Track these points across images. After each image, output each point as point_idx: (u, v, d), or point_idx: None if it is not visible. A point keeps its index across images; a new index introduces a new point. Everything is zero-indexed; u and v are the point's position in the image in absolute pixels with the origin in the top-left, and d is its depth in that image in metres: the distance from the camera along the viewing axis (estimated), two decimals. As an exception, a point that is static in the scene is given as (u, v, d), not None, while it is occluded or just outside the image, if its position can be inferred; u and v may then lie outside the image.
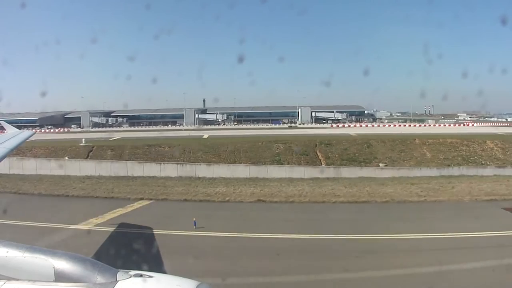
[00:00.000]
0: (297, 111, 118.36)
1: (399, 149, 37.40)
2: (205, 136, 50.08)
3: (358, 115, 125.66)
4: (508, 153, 37.21)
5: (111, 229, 15.69)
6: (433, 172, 33.17)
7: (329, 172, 33.54)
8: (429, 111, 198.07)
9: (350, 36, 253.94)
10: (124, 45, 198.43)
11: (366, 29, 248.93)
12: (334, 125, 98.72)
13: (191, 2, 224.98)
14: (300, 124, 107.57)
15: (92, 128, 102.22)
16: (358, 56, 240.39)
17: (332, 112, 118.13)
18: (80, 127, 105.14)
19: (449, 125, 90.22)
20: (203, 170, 34.36)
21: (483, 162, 35.54)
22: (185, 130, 76.87)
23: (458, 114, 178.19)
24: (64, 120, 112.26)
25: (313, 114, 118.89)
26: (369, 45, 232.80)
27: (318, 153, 37.39)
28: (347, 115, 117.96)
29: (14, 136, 12.75)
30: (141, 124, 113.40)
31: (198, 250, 13.74)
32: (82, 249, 10.59)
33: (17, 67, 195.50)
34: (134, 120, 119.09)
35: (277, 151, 37.57)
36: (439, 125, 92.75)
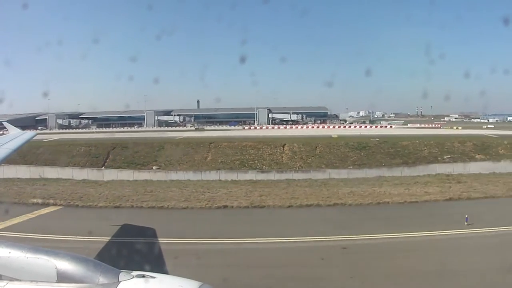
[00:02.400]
0: (255, 112, 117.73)
1: (185, 152, 37.15)
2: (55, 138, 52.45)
3: (322, 116, 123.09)
4: (295, 157, 35.61)
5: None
6: (188, 175, 32.97)
7: (93, 174, 34.59)
8: (421, 112, 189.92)
9: (351, 37, 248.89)
10: (126, 45, 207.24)
11: (367, 30, 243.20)
12: (281, 127, 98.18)
13: (193, 3, 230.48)
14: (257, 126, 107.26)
15: (58, 129, 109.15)
16: (357, 57, 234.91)
17: (288, 113, 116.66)
18: (47, 128, 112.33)
19: (386, 126, 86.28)
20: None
21: (258, 166, 34.44)
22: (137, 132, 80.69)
23: (451, 115, 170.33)
24: (35, 122, 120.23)
25: (270, 115, 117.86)
26: (369, 46, 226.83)
27: (110, 156, 38.19)
28: (302, 116, 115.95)
29: (17, 136, 13.10)
30: (113, 126, 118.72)
31: None
32: None
33: (19, 68, 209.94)
34: (103, 121, 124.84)
35: (75, 154, 38.89)
36: (385, 127, 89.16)
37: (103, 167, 36.81)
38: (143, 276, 3.83)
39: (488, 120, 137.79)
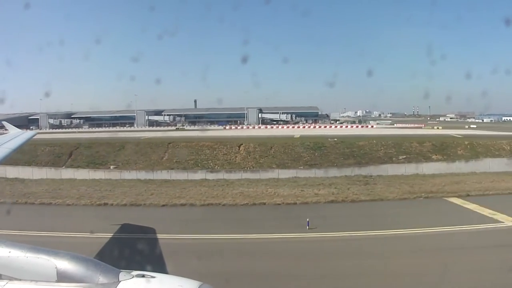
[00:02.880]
0: (245, 112, 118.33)
1: (143, 152, 37.87)
2: None
3: (313, 116, 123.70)
4: (248, 157, 36.11)
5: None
6: (141, 174, 33.80)
7: (51, 173, 35.75)
8: (417, 111, 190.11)
9: (352, 37, 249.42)
10: (127, 46, 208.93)
11: (367, 30, 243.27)
12: (270, 126, 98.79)
13: (195, 4, 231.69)
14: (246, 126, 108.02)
15: (49, 129, 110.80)
16: (358, 57, 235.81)
17: (278, 113, 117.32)
18: (38, 128, 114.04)
19: (367, 126, 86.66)
20: None
21: (211, 166, 35.11)
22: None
23: (447, 115, 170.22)
24: (28, 122, 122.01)
25: (260, 115, 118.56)
26: (369, 46, 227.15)
27: (72, 155, 39.07)
28: (291, 116, 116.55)
29: (16, 136, 13.09)
30: (105, 126, 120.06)
31: None
32: None
33: (16, 67, 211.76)
34: (95, 121, 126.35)
35: (39, 153, 39.83)
36: (366, 126, 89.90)
37: (63, 166, 37.75)
38: (143, 275, 3.84)
39: (483, 120, 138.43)
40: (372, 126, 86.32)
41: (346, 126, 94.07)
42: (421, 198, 21.36)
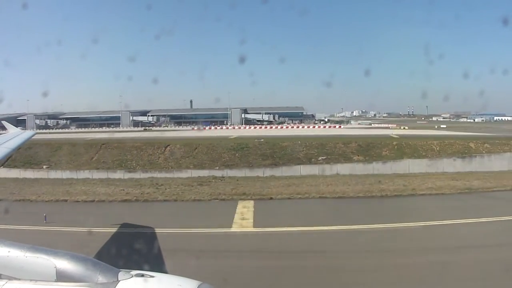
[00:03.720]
0: (228, 112, 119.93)
1: (76, 153, 39.88)
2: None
3: (299, 117, 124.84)
4: (170, 158, 37.76)
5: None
6: (66, 174, 35.96)
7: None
8: (412, 111, 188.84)
9: (349, 37, 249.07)
10: (123, 46, 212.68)
11: (365, 30, 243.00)
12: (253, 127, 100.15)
13: (192, 3, 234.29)
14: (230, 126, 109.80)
15: (36, 130, 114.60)
16: (355, 57, 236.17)
17: (260, 113, 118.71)
18: (26, 129, 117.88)
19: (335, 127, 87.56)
20: None
21: (133, 166, 36.94)
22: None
23: (442, 115, 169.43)
24: (17, 123, 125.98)
25: (243, 116, 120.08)
26: (367, 46, 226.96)
27: (13, 156, 41.33)
28: (274, 116, 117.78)
29: (16, 136, 13.42)
30: (92, 126, 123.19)
31: None
32: None
33: (18, 68, 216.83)
34: (82, 122, 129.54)
35: None
36: (336, 127, 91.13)
37: (1, 167, 40.05)
38: (142, 275, 3.88)
39: (474, 120, 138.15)
40: (339, 127, 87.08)
41: (329, 127, 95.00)
42: (217, 200, 22.02)
